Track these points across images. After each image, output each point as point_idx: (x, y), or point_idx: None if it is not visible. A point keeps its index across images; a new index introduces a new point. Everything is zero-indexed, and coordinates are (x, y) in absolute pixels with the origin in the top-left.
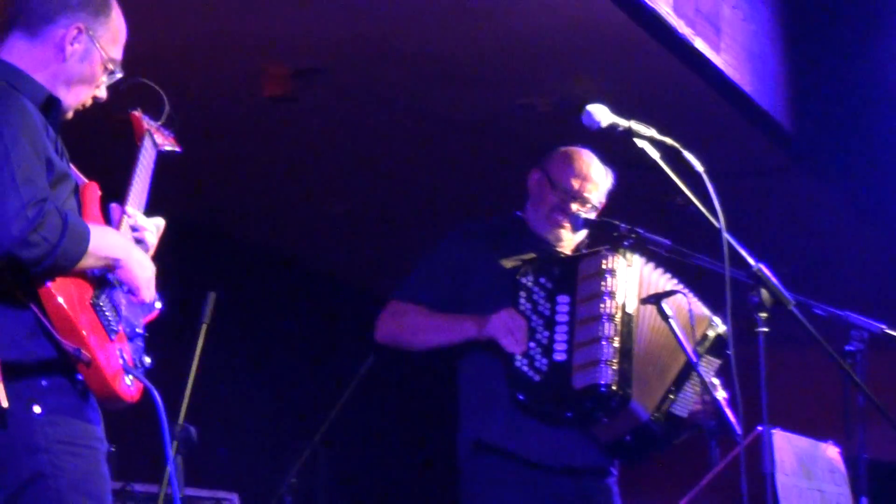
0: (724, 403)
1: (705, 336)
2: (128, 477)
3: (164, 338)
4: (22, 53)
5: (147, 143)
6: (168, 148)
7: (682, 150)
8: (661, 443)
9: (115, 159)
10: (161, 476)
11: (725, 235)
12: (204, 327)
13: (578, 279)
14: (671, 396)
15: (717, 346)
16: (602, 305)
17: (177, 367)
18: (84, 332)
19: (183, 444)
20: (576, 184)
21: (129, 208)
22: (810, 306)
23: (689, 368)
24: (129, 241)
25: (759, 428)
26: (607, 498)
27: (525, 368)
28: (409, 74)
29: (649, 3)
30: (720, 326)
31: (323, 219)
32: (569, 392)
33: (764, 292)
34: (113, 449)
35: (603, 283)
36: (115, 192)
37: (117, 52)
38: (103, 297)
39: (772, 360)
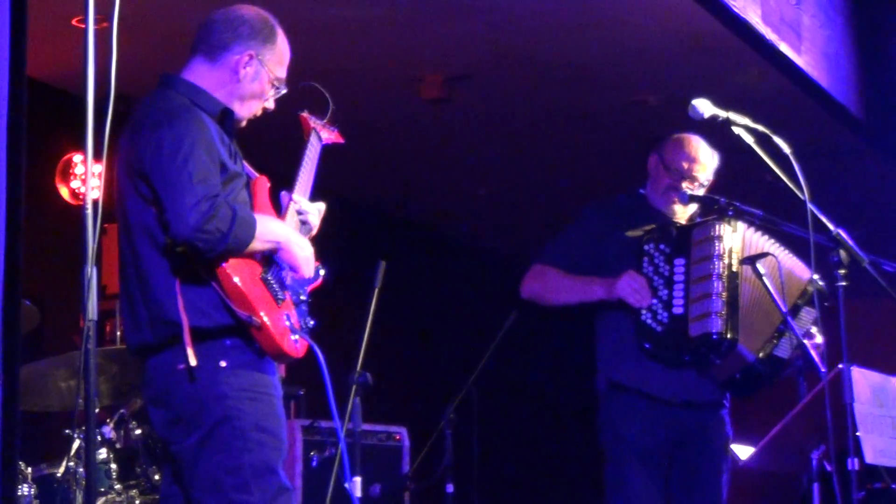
0: (809, 346)
1: (804, 291)
2: (315, 415)
3: (343, 299)
4: (203, 74)
5: (313, 138)
6: (332, 141)
7: (771, 135)
8: (765, 380)
9: (286, 153)
10: (343, 413)
11: (809, 206)
12: (376, 291)
13: (692, 244)
14: (774, 341)
15: (814, 299)
16: (712, 266)
17: (354, 324)
18: (255, 303)
19: (360, 387)
20: (686, 165)
21: (295, 195)
22: (881, 263)
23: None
24: (290, 226)
25: (840, 365)
26: (720, 427)
27: (649, 321)
28: (543, 78)
29: (742, 15)
30: (818, 283)
31: (470, 199)
32: (686, 340)
33: (842, 252)
34: (302, 392)
35: (712, 247)
36: (285, 181)
37: (282, 72)
38: (271, 272)
39: (849, 309)
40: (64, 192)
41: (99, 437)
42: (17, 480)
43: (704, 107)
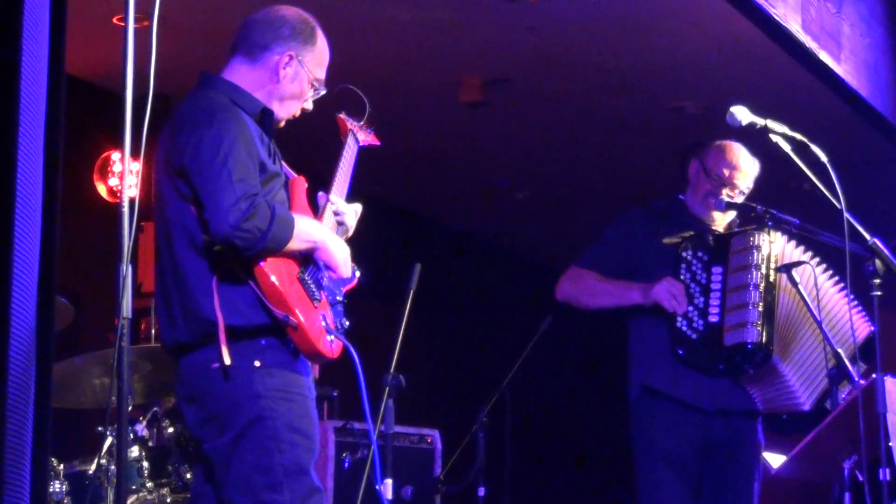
0: (843, 356)
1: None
2: (347, 416)
3: (378, 302)
4: (243, 74)
5: (350, 140)
6: (369, 143)
7: (809, 143)
8: (808, 425)
9: (324, 154)
10: (376, 415)
11: (846, 214)
12: (411, 293)
13: (730, 253)
14: (825, 393)
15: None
16: (749, 275)
17: (388, 326)
18: (291, 303)
19: (394, 389)
20: (727, 172)
21: (332, 196)
22: None
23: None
24: (327, 227)
25: (874, 375)
26: (752, 434)
27: (684, 328)
28: (580, 83)
29: (782, 22)
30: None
31: (507, 203)
32: (721, 348)
33: (878, 262)
34: (335, 393)
35: (750, 256)
36: (322, 182)
37: (321, 73)
38: (308, 272)
39: (883, 319)
40: (101, 190)
41: (131, 435)
42: (49, 477)
43: (742, 114)
